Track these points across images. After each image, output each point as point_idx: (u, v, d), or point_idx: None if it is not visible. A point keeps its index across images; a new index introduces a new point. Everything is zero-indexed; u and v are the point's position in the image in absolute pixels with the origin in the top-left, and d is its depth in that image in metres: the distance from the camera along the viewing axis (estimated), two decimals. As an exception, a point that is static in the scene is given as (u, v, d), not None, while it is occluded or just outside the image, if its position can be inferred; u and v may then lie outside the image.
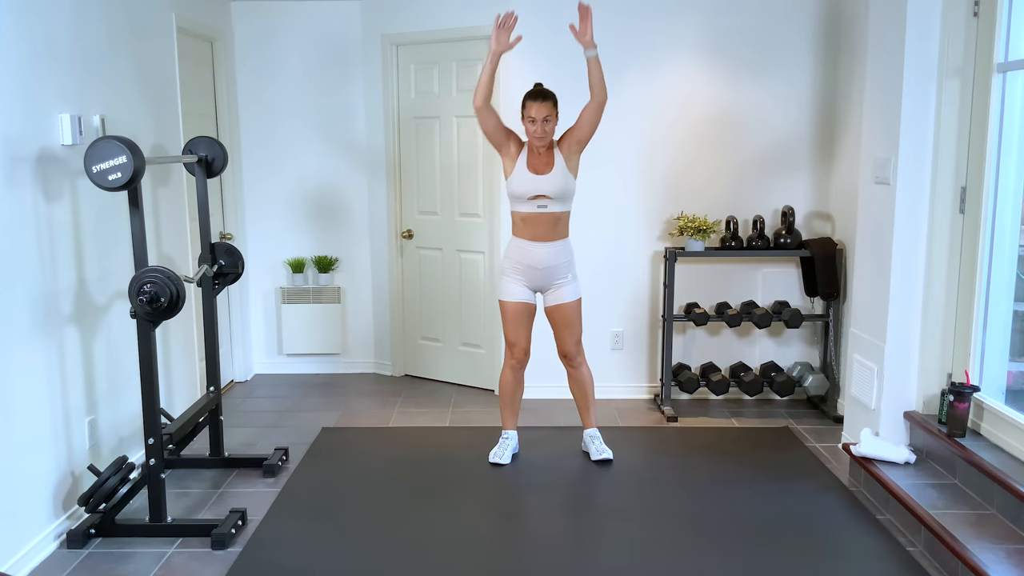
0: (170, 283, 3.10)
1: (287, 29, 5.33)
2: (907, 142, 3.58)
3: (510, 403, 4.15)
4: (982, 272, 3.49)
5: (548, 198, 3.83)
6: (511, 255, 3.97)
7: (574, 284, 3.99)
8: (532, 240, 3.90)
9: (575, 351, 4.05)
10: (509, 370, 4.09)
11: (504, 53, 3.77)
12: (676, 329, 5.01)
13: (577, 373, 4.09)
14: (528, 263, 3.92)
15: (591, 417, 4.17)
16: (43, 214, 3.20)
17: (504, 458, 4.07)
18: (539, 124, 3.76)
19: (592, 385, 4.14)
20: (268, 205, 5.49)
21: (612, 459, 4.06)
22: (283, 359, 5.65)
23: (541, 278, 3.95)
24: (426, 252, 5.39)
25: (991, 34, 3.38)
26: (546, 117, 3.77)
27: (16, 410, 3.04)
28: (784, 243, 4.70)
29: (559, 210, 3.87)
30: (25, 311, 3.09)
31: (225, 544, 3.24)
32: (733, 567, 3.08)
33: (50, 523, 3.25)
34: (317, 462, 4.10)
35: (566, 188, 3.85)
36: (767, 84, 4.79)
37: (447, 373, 5.44)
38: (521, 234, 3.93)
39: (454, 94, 5.09)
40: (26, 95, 3.10)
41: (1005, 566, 2.78)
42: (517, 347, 4.04)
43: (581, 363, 4.08)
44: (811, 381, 4.78)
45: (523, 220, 3.91)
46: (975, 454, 3.27)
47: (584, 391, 4.12)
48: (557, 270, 3.93)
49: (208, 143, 3.87)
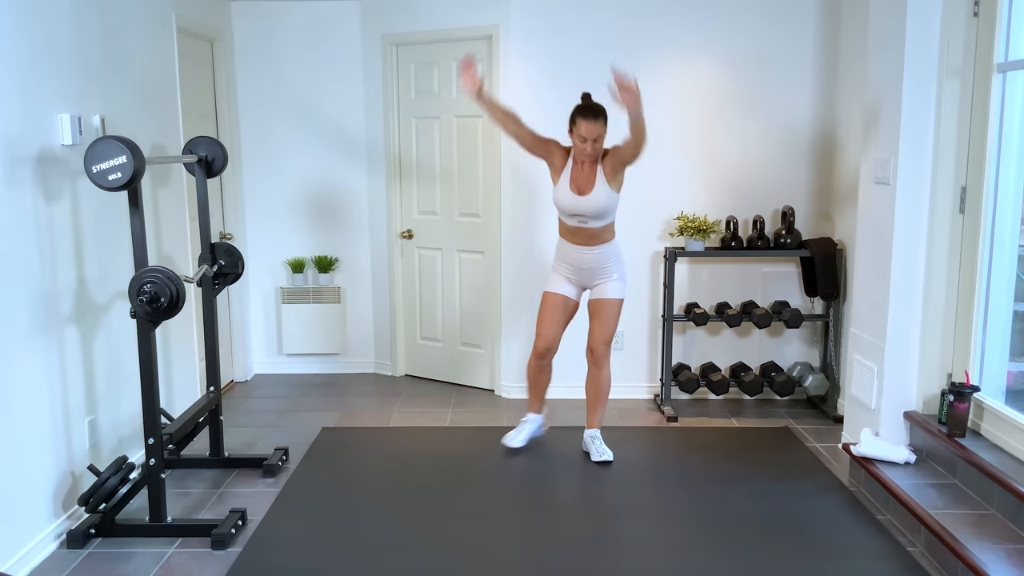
0: (170, 283, 3.11)
1: (287, 29, 5.32)
2: (907, 142, 3.58)
3: (533, 387, 4.21)
4: (982, 272, 3.49)
5: (587, 216, 3.89)
6: (559, 253, 4.08)
7: (620, 284, 4.05)
8: (575, 244, 3.99)
9: (603, 350, 4.07)
10: (534, 359, 4.16)
11: (479, 90, 3.79)
12: (676, 329, 5.01)
13: (598, 373, 4.11)
14: (573, 263, 4.02)
15: (597, 418, 4.17)
16: (43, 214, 3.20)
17: (517, 441, 4.12)
18: (589, 143, 3.79)
19: (608, 389, 4.16)
20: (268, 205, 5.49)
21: (612, 460, 4.06)
22: (283, 359, 5.65)
23: (587, 275, 4.03)
24: (426, 252, 5.39)
25: (991, 34, 3.38)
26: (596, 137, 3.79)
27: (16, 410, 3.04)
28: (784, 243, 4.70)
29: (599, 225, 3.92)
30: (25, 311, 3.09)
31: (225, 544, 3.24)
32: (733, 567, 3.08)
33: (50, 523, 3.25)
34: (317, 462, 4.10)
35: (607, 207, 3.88)
36: (767, 84, 4.79)
37: (447, 373, 5.44)
38: (566, 237, 4.03)
39: (454, 94, 5.09)
40: (26, 95, 3.10)
41: (1005, 566, 2.78)
42: (542, 338, 4.08)
43: (604, 364, 4.10)
44: (811, 381, 4.78)
45: (566, 227, 4.00)
46: (975, 454, 3.27)
47: (599, 392, 4.14)
48: (602, 270, 4.01)
49: (208, 143, 3.87)
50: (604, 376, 4.11)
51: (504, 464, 4.06)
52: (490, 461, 4.10)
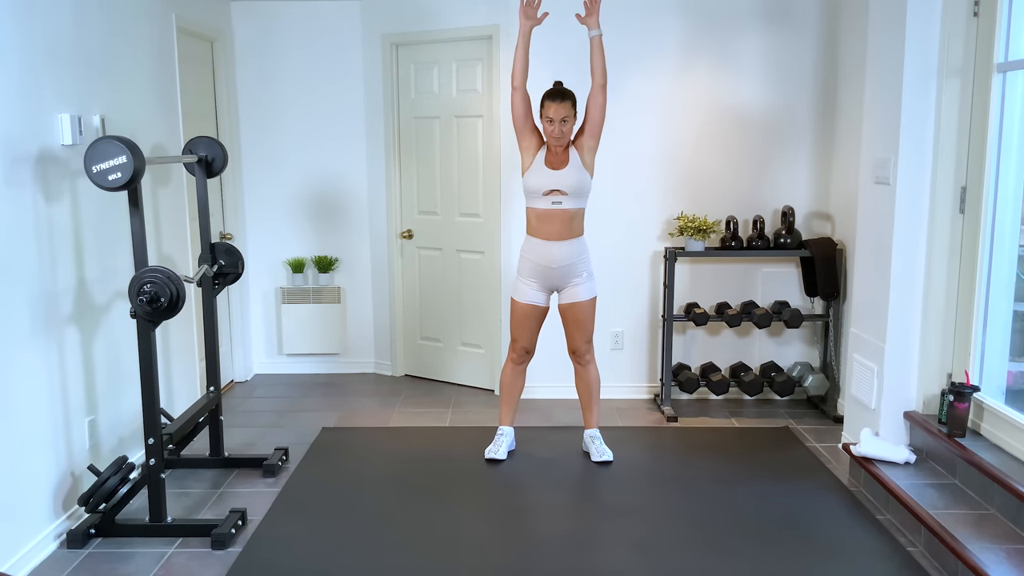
0: (170, 283, 3.11)
1: (287, 29, 5.33)
2: (907, 142, 3.58)
3: (507, 397, 4.17)
4: (982, 272, 3.49)
5: (563, 193, 3.84)
6: (526, 254, 3.99)
7: (590, 283, 3.99)
8: (547, 239, 3.91)
9: (585, 349, 4.05)
10: (509, 364, 4.13)
11: (534, 28, 3.83)
12: (676, 329, 5.01)
13: (585, 372, 4.09)
14: (543, 263, 3.93)
15: (594, 417, 4.17)
16: (43, 214, 3.20)
17: (499, 454, 4.08)
18: (556, 124, 3.79)
19: (598, 385, 4.14)
20: (268, 205, 5.49)
21: (612, 460, 4.06)
22: (283, 359, 5.65)
23: (556, 277, 3.96)
24: (426, 252, 5.39)
25: (991, 34, 3.38)
26: (564, 118, 3.78)
27: (16, 410, 3.04)
28: (784, 243, 4.70)
29: (574, 207, 3.88)
30: (25, 311, 3.09)
31: (225, 544, 3.24)
32: (733, 567, 3.08)
33: (50, 523, 3.25)
34: (317, 462, 4.10)
35: (581, 184, 3.85)
36: (767, 83, 4.79)
37: (447, 373, 5.44)
38: (536, 233, 3.94)
39: (454, 94, 5.09)
40: (26, 95, 3.10)
41: (1005, 566, 2.78)
42: (518, 343, 4.07)
43: (590, 361, 4.09)
44: (811, 381, 4.78)
45: (538, 218, 3.92)
46: (975, 454, 3.27)
47: (590, 390, 4.12)
48: (573, 268, 3.94)
49: (208, 143, 3.87)
50: (592, 373, 4.10)
51: (503, 464, 4.06)
52: (489, 461, 4.10)
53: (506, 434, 4.17)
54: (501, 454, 4.08)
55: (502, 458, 4.07)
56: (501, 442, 4.13)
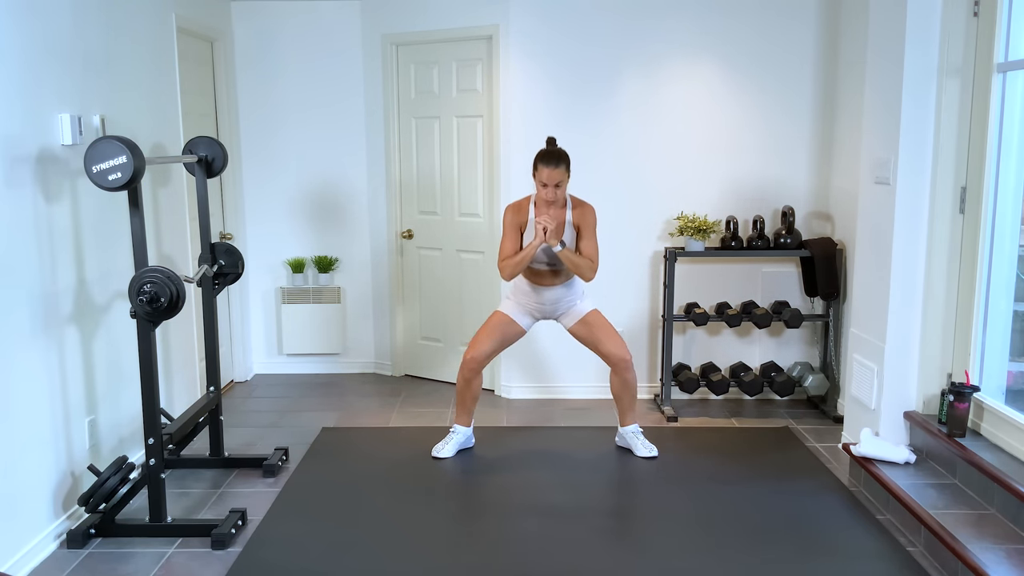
0: (170, 283, 3.11)
1: (287, 29, 5.32)
2: (907, 142, 3.58)
3: (460, 399, 4.17)
4: (982, 272, 3.49)
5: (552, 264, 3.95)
6: (518, 289, 4.09)
7: (585, 300, 4.09)
8: (538, 284, 4.02)
9: (626, 351, 4.04)
10: (461, 368, 4.10)
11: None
12: (676, 329, 5.01)
13: (628, 375, 4.08)
14: (538, 302, 4.05)
15: (634, 414, 4.19)
16: (43, 214, 3.20)
17: (445, 452, 4.12)
18: (551, 188, 3.84)
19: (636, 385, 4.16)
20: (268, 205, 5.49)
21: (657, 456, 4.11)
22: (283, 359, 5.65)
23: (552, 308, 4.07)
24: (426, 252, 5.39)
25: (991, 34, 3.38)
26: (558, 183, 3.84)
27: (16, 410, 3.04)
28: (784, 243, 4.70)
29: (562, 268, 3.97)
30: (25, 311, 3.09)
31: (225, 544, 3.24)
32: (733, 567, 3.08)
33: (50, 523, 3.25)
34: (317, 462, 4.10)
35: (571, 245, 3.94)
36: (767, 83, 4.79)
37: (447, 373, 5.43)
38: (526, 276, 4.03)
39: (454, 94, 5.09)
40: (26, 95, 3.10)
41: (1005, 566, 2.78)
42: (473, 351, 4.03)
43: (631, 367, 4.08)
44: (811, 381, 4.78)
45: (530, 271, 4.00)
46: (975, 454, 3.27)
47: (632, 391, 4.13)
48: (567, 296, 4.05)
49: (208, 143, 3.87)
50: (632, 376, 4.10)
51: (503, 464, 4.06)
52: (490, 461, 4.10)
53: (458, 432, 4.19)
54: (446, 452, 4.12)
55: (446, 456, 4.11)
56: (451, 439, 4.17)
